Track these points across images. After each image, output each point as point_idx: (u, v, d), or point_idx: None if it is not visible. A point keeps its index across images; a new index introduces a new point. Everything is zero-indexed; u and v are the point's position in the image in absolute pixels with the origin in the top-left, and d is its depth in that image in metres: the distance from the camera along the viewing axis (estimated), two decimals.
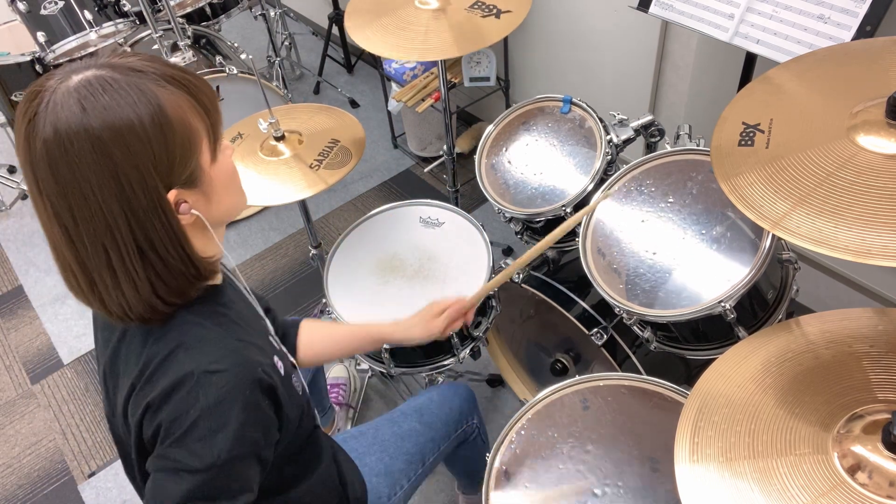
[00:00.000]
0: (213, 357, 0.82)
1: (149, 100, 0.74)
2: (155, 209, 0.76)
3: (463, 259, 1.56)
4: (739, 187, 0.94)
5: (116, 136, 0.72)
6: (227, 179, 0.86)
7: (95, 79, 0.73)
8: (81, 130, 0.71)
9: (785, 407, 0.89)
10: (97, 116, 0.71)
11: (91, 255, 0.77)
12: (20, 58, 2.45)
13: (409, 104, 2.47)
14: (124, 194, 0.74)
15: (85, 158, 0.72)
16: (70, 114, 0.71)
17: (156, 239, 0.78)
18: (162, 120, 0.74)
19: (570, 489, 1.08)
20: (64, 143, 0.71)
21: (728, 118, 1.05)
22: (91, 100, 0.72)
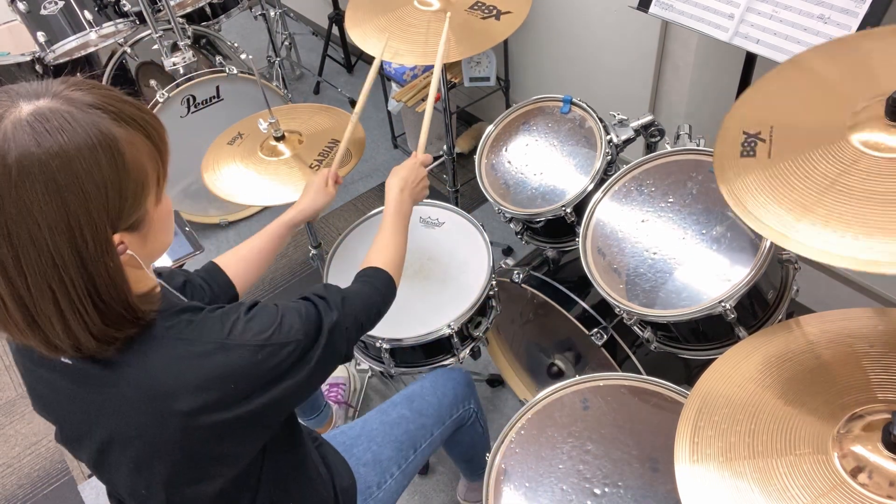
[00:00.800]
0: (218, 328, 0.84)
1: (109, 143, 0.70)
2: (102, 255, 0.73)
3: (463, 259, 1.56)
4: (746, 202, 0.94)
5: (72, 178, 0.68)
6: (166, 219, 0.84)
7: (51, 112, 0.68)
8: (35, 170, 0.67)
9: (785, 407, 0.89)
10: (53, 154, 0.67)
11: (35, 294, 0.72)
12: (20, 58, 2.45)
13: (409, 104, 2.47)
14: (74, 239, 0.70)
15: (36, 199, 0.67)
16: (23, 148, 0.66)
17: (101, 284, 0.74)
18: (119, 165, 0.71)
19: (569, 489, 1.08)
20: (13, 180, 0.66)
21: (729, 128, 1.04)
22: (47, 137, 0.67)
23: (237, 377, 0.82)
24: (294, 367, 0.88)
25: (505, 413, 2.01)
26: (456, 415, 1.40)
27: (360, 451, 1.27)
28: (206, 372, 0.81)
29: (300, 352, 0.88)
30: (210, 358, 0.82)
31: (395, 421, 1.33)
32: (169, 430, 0.82)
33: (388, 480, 1.27)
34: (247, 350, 0.83)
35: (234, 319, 0.85)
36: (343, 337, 0.97)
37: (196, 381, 0.81)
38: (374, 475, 1.26)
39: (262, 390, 0.85)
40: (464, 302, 1.47)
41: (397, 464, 1.29)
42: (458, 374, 1.44)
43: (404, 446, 1.31)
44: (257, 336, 0.85)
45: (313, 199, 1.38)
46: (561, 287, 1.57)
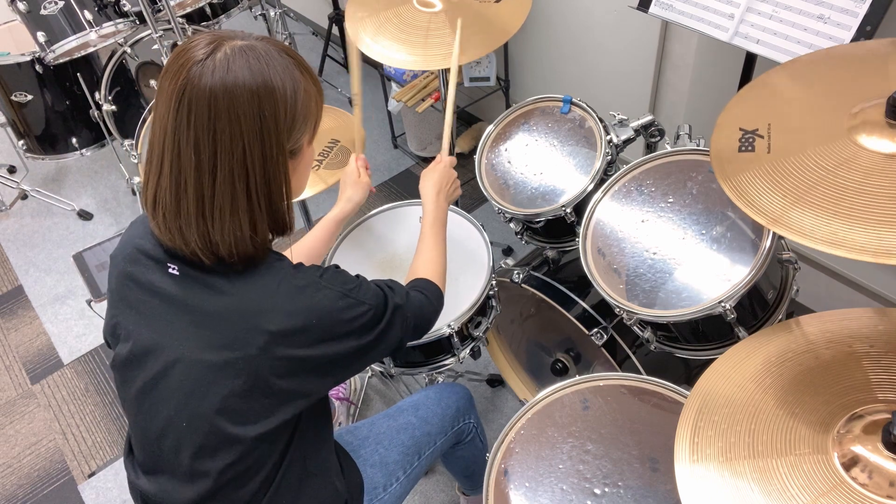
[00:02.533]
0: (312, 269, 0.97)
1: (294, 78, 0.89)
2: (281, 161, 0.91)
3: (463, 259, 1.56)
4: (745, 193, 0.94)
5: (270, 96, 0.87)
6: (309, 163, 1.02)
7: (260, 47, 0.88)
8: (246, 85, 0.85)
9: (785, 407, 0.89)
10: (260, 76, 0.86)
11: (218, 187, 0.87)
12: (20, 58, 2.45)
13: (409, 104, 2.47)
14: (264, 146, 0.88)
15: (243, 107, 0.85)
16: (238, 68, 0.85)
17: (275, 187, 0.91)
18: (299, 97, 0.90)
19: (569, 489, 1.08)
20: (230, 92, 0.84)
21: (724, 125, 1.05)
22: (256, 63, 0.86)
23: (320, 314, 0.93)
24: (363, 329, 0.98)
25: (505, 413, 2.01)
26: (457, 427, 1.42)
27: (367, 453, 1.28)
28: (297, 301, 0.92)
29: (370, 317, 0.98)
30: (303, 290, 0.93)
31: (402, 426, 1.34)
32: (248, 347, 0.90)
33: (394, 484, 1.28)
34: (333, 293, 0.95)
35: (326, 269, 0.99)
36: (403, 323, 1.05)
37: (289, 307, 0.92)
38: (381, 477, 1.27)
39: (333, 338, 0.95)
40: (464, 302, 1.47)
41: (403, 468, 1.30)
42: (461, 389, 1.47)
43: (410, 451, 1.32)
44: (343, 286, 0.97)
45: (351, 194, 1.45)
46: (561, 287, 1.57)
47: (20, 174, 3.05)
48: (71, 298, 2.54)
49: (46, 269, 2.67)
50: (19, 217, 2.93)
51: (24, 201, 2.98)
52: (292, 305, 0.92)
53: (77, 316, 2.48)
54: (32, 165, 3.06)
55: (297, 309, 0.92)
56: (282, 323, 0.91)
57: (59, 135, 2.67)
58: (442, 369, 1.53)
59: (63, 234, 2.82)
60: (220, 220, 0.88)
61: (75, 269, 1.68)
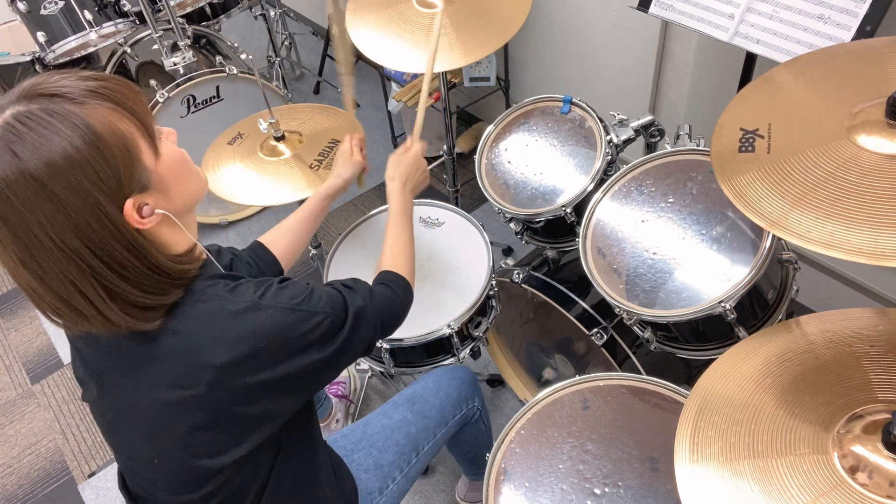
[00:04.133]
0: (250, 288, 0.88)
1: (74, 123, 0.72)
2: (111, 232, 0.76)
3: (463, 259, 1.56)
4: (745, 194, 0.94)
5: (55, 173, 0.71)
6: (178, 169, 0.85)
7: (14, 118, 0.72)
8: (19, 176, 0.70)
9: (785, 407, 0.89)
10: (30, 157, 0.70)
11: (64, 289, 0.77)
12: (20, 58, 2.45)
13: (409, 104, 2.47)
14: (76, 225, 0.73)
15: (29, 202, 0.71)
16: (3, 163, 0.70)
17: (120, 257, 0.77)
18: (93, 139, 0.73)
19: (569, 489, 1.08)
20: (4, 192, 0.71)
21: (725, 125, 1.05)
22: (19, 143, 0.70)
23: (268, 336, 0.85)
24: (323, 339, 0.91)
25: (505, 413, 2.01)
26: (459, 414, 1.39)
27: (360, 457, 1.26)
28: (239, 328, 0.84)
29: (328, 326, 0.91)
30: (243, 315, 0.85)
31: (396, 424, 1.32)
32: (198, 385, 0.83)
33: (391, 485, 1.27)
34: (277, 311, 0.86)
35: (268, 286, 0.90)
36: (369, 325, 0.99)
37: (229, 336, 0.84)
38: (376, 481, 1.25)
39: (288, 356, 0.87)
40: (464, 302, 1.47)
41: (399, 468, 1.28)
42: (462, 371, 1.43)
43: (406, 450, 1.30)
44: (289, 301, 0.88)
45: (341, 170, 1.41)
46: (561, 287, 1.57)
47: None
48: None
49: None
50: None
51: None
52: (233, 334, 0.84)
53: None
54: None
55: (240, 336, 0.84)
56: (227, 354, 0.83)
57: None
58: (426, 372, 1.53)
59: None
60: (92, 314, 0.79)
61: None
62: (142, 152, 0.78)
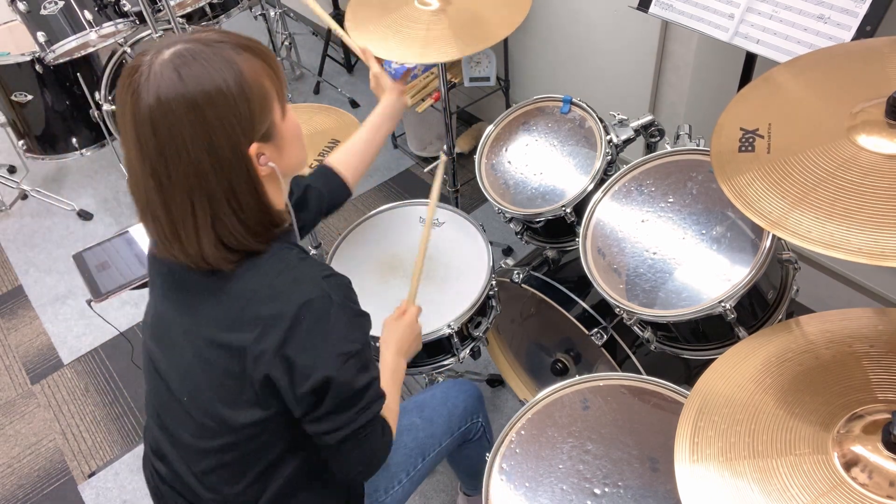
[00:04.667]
0: (320, 267, 0.96)
1: (231, 66, 0.84)
2: (239, 162, 0.87)
3: (463, 259, 1.56)
4: (745, 194, 0.94)
5: (208, 99, 0.83)
6: (295, 133, 0.97)
7: (186, 51, 0.84)
8: (179, 96, 0.82)
9: (785, 407, 0.89)
10: (192, 83, 0.82)
11: (178, 206, 0.87)
12: (20, 58, 2.45)
13: (408, 104, 2.47)
14: (214, 149, 0.84)
15: (182, 119, 0.82)
16: (169, 82, 0.82)
17: (239, 189, 0.88)
18: (243, 83, 0.85)
19: (569, 489, 1.08)
20: (165, 107, 0.82)
21: (725, 125, 1.05)
22: (185, 69, 0.82)
23: (312, 314, 0.91)
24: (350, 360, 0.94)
25: (505, 413, 2.01)
26: (464, 427, 1.40)
27: None
28: (294, 295, 0.91)
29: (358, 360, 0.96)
30: (301, 285, 0.92)
31: (405, 427, 1.32)
32: (244, 333, 0.91)
33: (396, 486, 1.27)
34: (331, 301, 0.92)
35: (333, 273, 0.96)
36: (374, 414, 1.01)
37: (282, 297, 0.91)
38: (382, 480, 1.26)
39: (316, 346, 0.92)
40: (464, 302, 1.47)
41: (405, 471, 1.29)
42: (470, 386, 1.44)
43: (413, 453, 1.30)
44: (343, 299, 0.94)
45: (383, 98, 1.46)
46: (561, 287, 1.57)
47: (20, 174, 3.05)
48: (71, 298, 2.54)
49: (46, 269, 2.67)
50: (19, 217, 2.93)
51: (24, 201, 2.98)
52: (286, 297, 0.91)
53: (77, 316, 2.48)
54: (32, 165, 3.05)
55: (290, 300, 0.91)
56: (274, 311, 0.90)
57: (59, 135, 2.67)
58: (442, 369, 1.53)
59: (63, 234, 2.82)
60: (194, 236, 0.89)
61: (75, 269, 1.68)
62: (274, 107, 0.90)
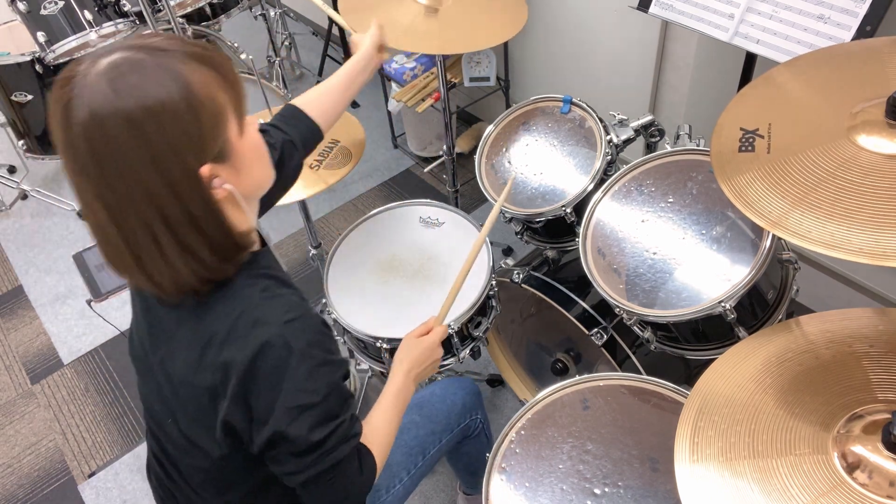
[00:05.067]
0: (284, 309, 0.87)
1: (176, 78, 0.75)
2: (191, 184, 0.78)
3: (463, 259, 1.55)
4: (745, 194, 0.94)
5: (149, 115, 0.74)
6: (255, 152, 0.88)
7: (123, 60, 0.75)
8: (115, 111, 0.73)
9: (785, 407, 0.89)
10: (129, 96, 0.73)
11: (137, 231, 0.79)
12: (20, 58, 2.45)
13: (409, 104, 2.47)
14: (162, 170, 0.76)
15: (121, 137, 0.74)
16: (103, 96, 0.73)
17: (196, 212, 0.80)
18: (190, 96, 0.76)
19: (569, 489, 1.08)
20: (100, 125, 0.73)
21: (725, 125, 1.05)
22: (121, 81, 0.74)
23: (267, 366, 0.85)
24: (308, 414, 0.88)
25: (505, 413, 2.00)
26: (463, 423, 1.40)
27: None
28: (251, 341, 0.84)
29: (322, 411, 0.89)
30: (260, 327, 0.84)
31: (405, 426, 1.32)
32: (202, 376, 0.86)
33: (397, 485, 1.27)
34: (285, 346, 0.85)
35: (305, 312, 0.88)
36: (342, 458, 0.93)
37: (237, 344, 0.85)
38: (383, 478, 1.26)
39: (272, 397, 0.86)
40: (464, 302, 1.47)
41: (406, 469, 1.29)
42: (468, 383, 1.44)
43: (414, 452, 1.30)
44: (310, 341, 0.87)
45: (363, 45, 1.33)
46: (561, 287, 1.57)
47: (20, 174, 3.05)
48: (71, 298, 2.54)
49: (46, 269, 2.67)
50: (19, 217, 2.93)
51: (24, 201, 2.98)
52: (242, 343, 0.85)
53: (77, 316, 2.47)
54: (32, 165, 3.05)
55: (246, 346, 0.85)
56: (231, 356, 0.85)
57: None
58: (442, 369, 1.53)
59: (63, 234, 2.82)
60: (152, 264, 0.81)
61: (75, 269, 1.69)
62: (229, 124, 0.81)
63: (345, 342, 1.56)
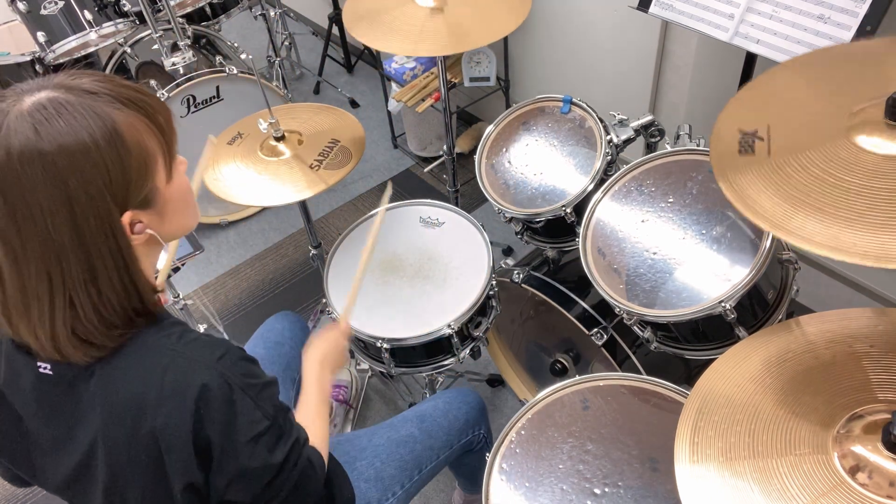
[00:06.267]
0: (209, 349, 0.83)
1: (104, 122, 0.72)
2: (105, 235, 0.75)
3: (463, 259, 1.56)
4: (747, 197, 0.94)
5: (70, 161, 0.71)
6: (182, 198, 0.85)
7: (49, 101, 0.72)
8: (35, 154, 0.70)
9: (785, 407, 0.89)
10: (51, 140, 0.70)
11: (34, 280, 0.74)
12: (20, 58, 2.45)
13: (409, 104, 2.47)
14: (75, 220, 0.72)
15: (37, 183, 0.70)
16: (23, 137, 0.70)
17: (100, 267, 0.75)
18: (117, 142, 0.73)
19: (569, 489, 1.08)
20: (16, 167, 0.70)
21: (723, 127, 1.04)
22: (45, 124, 0.70)
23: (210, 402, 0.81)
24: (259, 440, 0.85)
25: (505, 413, 2.00)
26: (465, 440, 1.39)
27: (363, 466, 1.26)
28: (184, 390, 0.79)
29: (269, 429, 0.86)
30: (192, 374, 0.80)
31: (402, 439, 1.31)
32: (143, 440, 0.80)
33: (390, 498, 1.26)
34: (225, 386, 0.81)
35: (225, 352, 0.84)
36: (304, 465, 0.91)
37: (173, 395, 0.79)
38: (375, 492, 1.24)
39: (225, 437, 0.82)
40: (464, 302, 1.47)
41: (400, 483, 1.28)
42: (472, 397, 1.43)
43: (409, 466, 1.29)
44: (244, 372, 0.84)
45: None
46: (561, 287, 1.57)
47: None
48: None
49: None
50: None
51: None
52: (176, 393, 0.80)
53: None
54: None
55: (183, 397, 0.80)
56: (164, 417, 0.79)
57: None
58: (442, 369, 1.53)
59: None
60: (44, 315, 0.75)
61: None
62: (158, 171, 0.78)
63: None
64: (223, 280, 2.56)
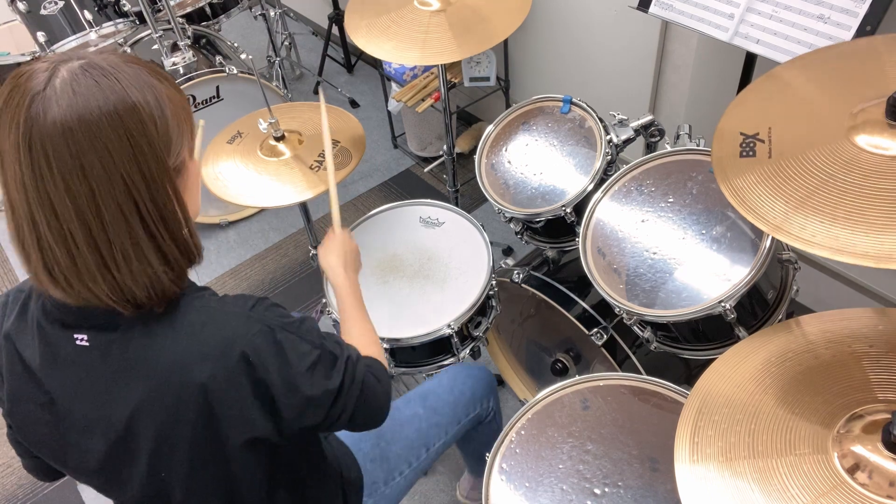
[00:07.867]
0: (240, 302, 0.87)
1: (153, 87, 0.78)
2: (165, 182, 0.79)
3: (463, 259, 1.56)
4: (748, 200, 0.94)
5: (130, 111, 0.75)
6: (196, 177, 0.90)
7: (103, 61, 0.76)
8: (101, 108, 0.73)
9: (785, 407, 0.89)
10: (114, 93, 0.74)
11: (112, 231, 0.76)
12: (20, 58, 2.45)
13: (409, 104, 2.47)
14: (142, 166, 0.76)
15: (103, 131, 0.73)
16: (87, 91, 0.73)
17: (167, 212, 0.79)
18: (163, 105, 0.78)
19: (569, 489, 1.08)
20: (85, 119, 0.72)
21: (725, 130, 1.04)
22: (103, 80, 0.74)
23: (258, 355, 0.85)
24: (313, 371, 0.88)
25: (505, 413, 2.00)
26: (473, 413, 1.39)
27: (367, 447, 1.27)
28: (230, 344, 0.83)
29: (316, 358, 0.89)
30: (233, 326, 0.84)
31: (407, 419, 1.31)
32: (192, 396, 0.82)
33: (397, 478, 1.27)
34: (266, 330, 0.85)
35: (256, 301, 0.88)
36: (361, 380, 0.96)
37: (216, 349, 0.83)
38: (381, 472, 1.25)
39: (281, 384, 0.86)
40: (464, 302, 1.47)
41: (407, 462, 1.28)
42: (478, 370, 1.42)
43: (416, 444, 1.30)
44: (278, 314, 0.88)
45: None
46: (561, 287, 1.57)
47: None
48: None
49: None
50: None
51: None
52: (221, 346, 0.83)
53: None
54: None
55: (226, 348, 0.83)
56: (213, 369, 0.81)
57: None
58: (442, 369, 1.53)
59: None
60: (126, 265, 0.77)
61: None
62: (187, 143, 0.84)
63: None
64: (223, 280, 2.56)
